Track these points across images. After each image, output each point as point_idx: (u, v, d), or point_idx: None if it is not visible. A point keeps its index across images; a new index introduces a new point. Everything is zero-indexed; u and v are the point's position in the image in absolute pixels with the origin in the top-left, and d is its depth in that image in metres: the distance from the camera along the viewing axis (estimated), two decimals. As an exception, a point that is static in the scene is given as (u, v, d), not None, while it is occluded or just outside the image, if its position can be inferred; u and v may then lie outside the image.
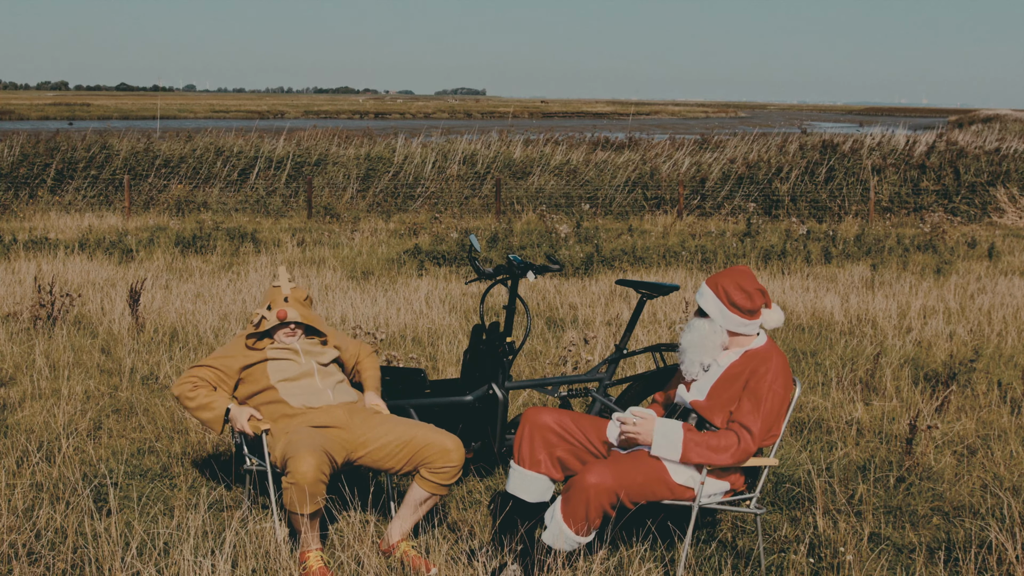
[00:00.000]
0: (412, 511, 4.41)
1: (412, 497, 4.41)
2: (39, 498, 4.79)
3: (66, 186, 20.59)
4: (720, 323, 4.23)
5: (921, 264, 12.66)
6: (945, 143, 25.40)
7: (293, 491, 4.11)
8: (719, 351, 4.26)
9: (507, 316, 5.36)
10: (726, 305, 4.23)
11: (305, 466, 4.10)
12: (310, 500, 4.11)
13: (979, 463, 5.56)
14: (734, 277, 4.26)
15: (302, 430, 4.37)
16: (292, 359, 4.64)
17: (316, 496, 4.13)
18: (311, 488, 4.10)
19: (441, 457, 4.35)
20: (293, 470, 4.12)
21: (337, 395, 4.62)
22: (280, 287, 4.73)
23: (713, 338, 4.23)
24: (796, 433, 6.05)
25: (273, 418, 4.53)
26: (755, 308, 4.24)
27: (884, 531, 4.71)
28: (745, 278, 4.26)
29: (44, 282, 9.56)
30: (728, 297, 4.22)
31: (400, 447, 4.38)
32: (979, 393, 6.84)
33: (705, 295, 4.28)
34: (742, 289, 4.22)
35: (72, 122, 58.57)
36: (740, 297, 4.21)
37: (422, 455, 4.36)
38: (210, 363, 4.66)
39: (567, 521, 4.03)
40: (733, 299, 4.22)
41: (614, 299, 9.95)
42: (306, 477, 4.09)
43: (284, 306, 4.67)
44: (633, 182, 20.93)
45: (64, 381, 6.83)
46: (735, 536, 4.66)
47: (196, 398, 4.56)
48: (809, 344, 8.08)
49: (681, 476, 4.14)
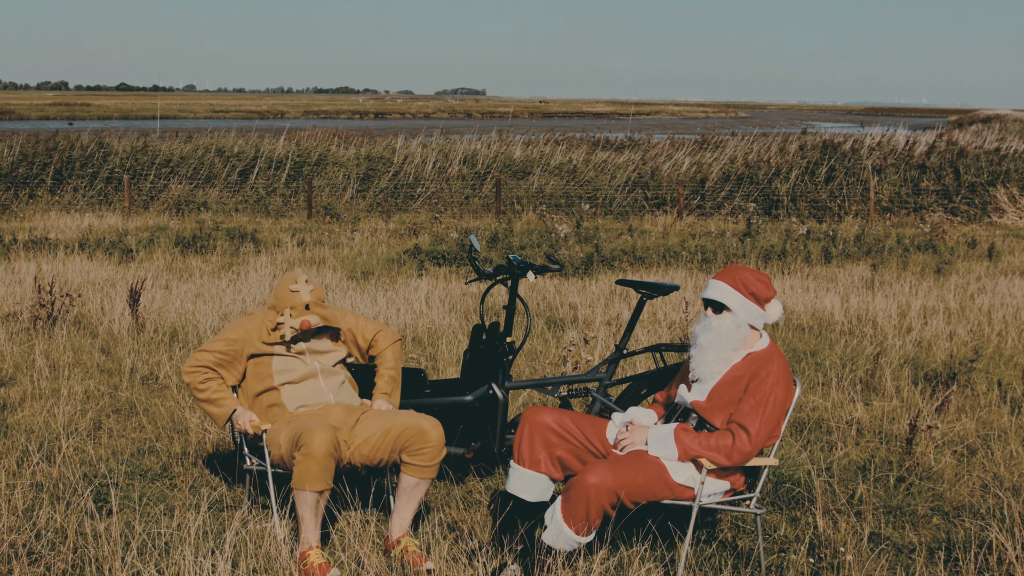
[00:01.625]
0: (405, 502, 4.43)
1: (402, 487, 4.44)
2: (39, 498, 4.79)
3: (66, 186, 20.59)
4: (742, 316, 4.23)
5: (921, 264, 12.66)
6: (945, 143, 25.41)
7: (304, 464, 4.13)
8: (740, 346, 4.25)
9: (507, 316, 5.36)
10: (746, 295, 4.23)
11: (319, 439, 4.14)
12: (321, 475, 4.13)
13: (979, 463, 5.57)
14: (745, 270, 4.29)
15: (310, 414, 4.43)
16: (298, 358, 4.63)
17: (326, 473, 4.15)
18: (323, 461, 4.13)
19: (419, 439, 4.39)
20: (306, 442, 4.14)
21: (338, 396, 4.63)
22: (299, 292, 4.64)
23: (737, 333, 4.23)
24: (796, 433, 6.06)
25: (271, 419, 4.54)
26: (771, 295, 4.27)
27: (884, 531, 4.71)
28: (754, 270, 4.30)
29: (44, 282, 9.56)
30: (747, 287, 4.23)
31: (382, 437, 4.42)
32: (979, 393, 6.84)
33: (722, 290, 4.25)
34: (759, 279, 4.25)
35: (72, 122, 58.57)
36: (759, 286, 4.23)
37: (401, 440, 4.40)
38: (220, 349, 4.61)
39: (567, 521, 4.03)
40: (752, 288, 4.22)
41: (614, 299, 9.95)
42: (320, 449, 4.12)
43: (306, 315, 4.64)
44: (633, 182, 20.93)
45: (64, 381, 6.83)
46: (735, 536, 4.66)
47: (206, 391, 4.57)
48: (809, 344, 8.08)
49: (681, 476, 4.14)
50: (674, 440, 4.14)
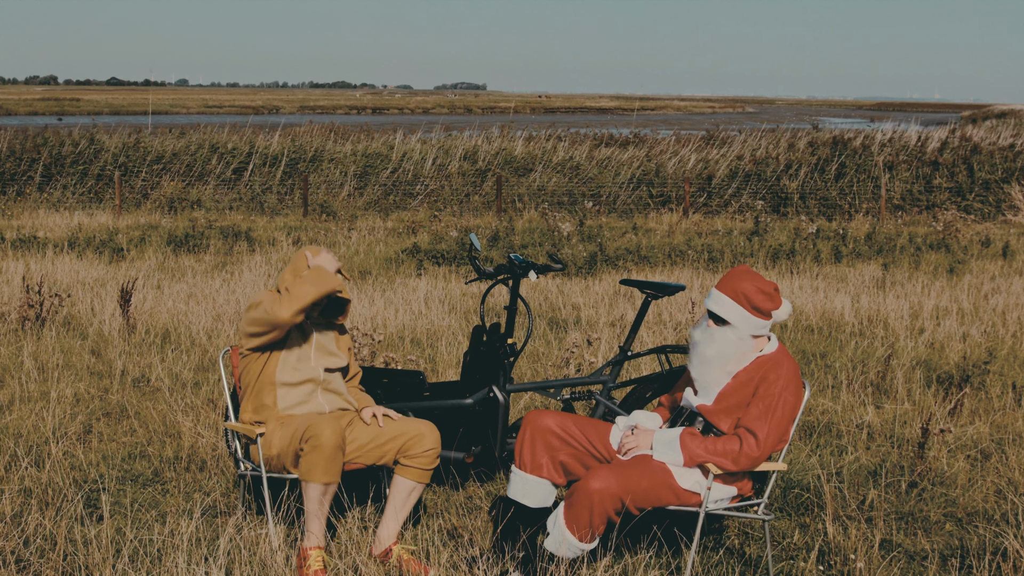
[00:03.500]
0: (399, 507, 4.44)
1: (396, 491, 4.45)
2: (28, 504, 4.79)
3: (55, 183, 20.60)
4: (744, 330, 4.23)
5: (934, 263, 12.66)
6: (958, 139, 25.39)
7: (313, 456, 4.14)
8: (744, 357, 4.25)
9: (508, 317, 5.36)
10: (748, 310, 4.22)
11: (328, 431, 4.16)
12: (328, 466, 4.14)
13: (993, 468, 5.56)
14: (749, 280, 4.25)
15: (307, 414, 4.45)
16: (303, 359, 4.60)
17: (333, 465, 4.17)
18: (331, 453, 4.15)
19: (416, 443, 4.41)
20: (315, 434, 4.16)
21: (331, 404, 4.61)
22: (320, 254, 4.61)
23: (740, 346, 4.23)
24: (805, 437, 6.06)
25: (260, 412, 4.51)
26: (776, 307, 4.26)
27: (896, 538, 4.71)
28: (758, 279, 4.26)
29: (32, 282, 9.57)
30: (751, 302, 4.22)
31: (374, 444, 4.44)
32: (993, 396, 6.84)
33: (723, 303, 4.25)
34: (762, 292, 4.23)
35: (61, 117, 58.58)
36: (762, 300, 4.22)
37: (396, 445, 4.42)
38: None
39: (570, 527, 4.03)
40: (756, 303, 4.22)
41: (618, 299, 9.96)
42: (330, 440, 4.15)
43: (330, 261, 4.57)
44: (638, 179, 20.93)
45: (53, 384, 6.83)
46: (743, 543, 4.66)
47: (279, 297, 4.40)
48: (819, 345, 8.09)
49: (687, 481, 4.14)
50: (680, 445, 4.14)
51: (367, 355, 7.04)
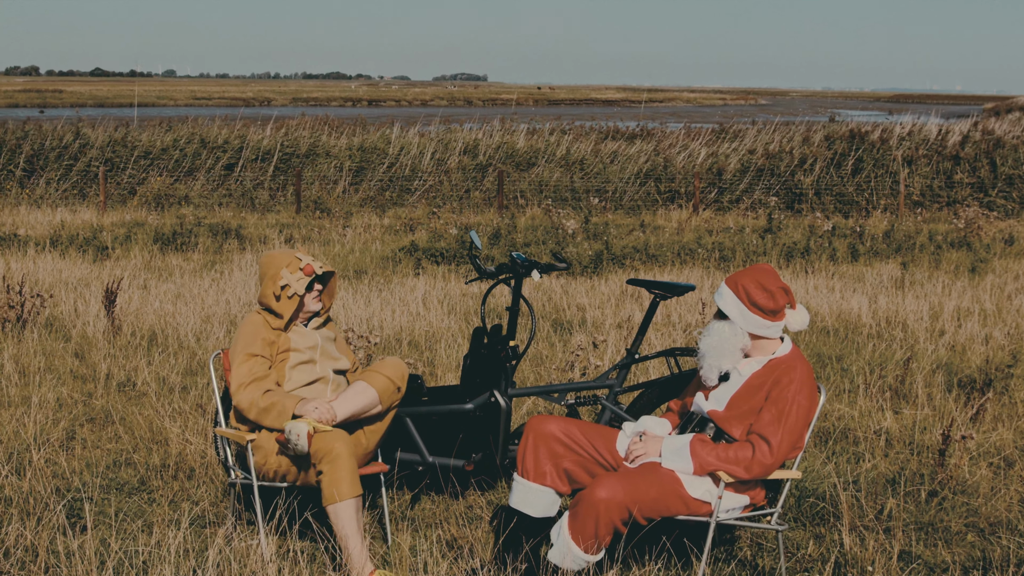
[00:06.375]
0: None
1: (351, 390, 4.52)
2: (8, 513, 4.80)
3: (37, 179, 20.62)
4: (741, 325, 4.23)
5: (955, 262, 12.65)
6: (980, 132, 25.40)
7: (333, 472, 4.13)
8: (740, 356, 4.26)
9: (510, 318, 5.37)
10: (746, 305, 4.22)
11: (341, 441, 4.17)
12: (352, 477, 4.14)
13: (1017, 476, 5.56)
14: (755, 275, 4.26)
15: None
16: (310, 362, 4.61)
17: (356, 475, 4.17)
18: (351, 463, 4.16)
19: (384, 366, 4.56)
20: (329, 449, 4.16)
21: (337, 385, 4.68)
22: (294, 253, 4.65)
23: (734, 341, 4.23)
24: (821, 444, 6.05)
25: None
26: (778, 308, 4.23)
27: (915, 549, 4.70)
28: (767, 276, 4.25)
29: (13, 282, 9.57)
30: (748, 296, 4.22)
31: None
32: (1017, 401, 6.83)
33: (724, 295, 4.29)
34: (763, 288, 4.22)
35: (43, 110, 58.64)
36: (761, 296, 4.21)
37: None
38: (261, 352, 4.52)
39: (575, 538, 4.03)
40: (754, 298, 4.22)
41: (625, 300, 9.96)
42: (346, 450, 4.17)
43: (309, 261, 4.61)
44: (645, 174, 20.94)
45: (35, 388, 6.84)
46: (755, 554, 4.66)
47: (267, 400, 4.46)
48: (835, 348, 8.08)
49: (697, 490, 4.14)
50: (690, 452, 4.14)
51: (363, 358, 7.04)
